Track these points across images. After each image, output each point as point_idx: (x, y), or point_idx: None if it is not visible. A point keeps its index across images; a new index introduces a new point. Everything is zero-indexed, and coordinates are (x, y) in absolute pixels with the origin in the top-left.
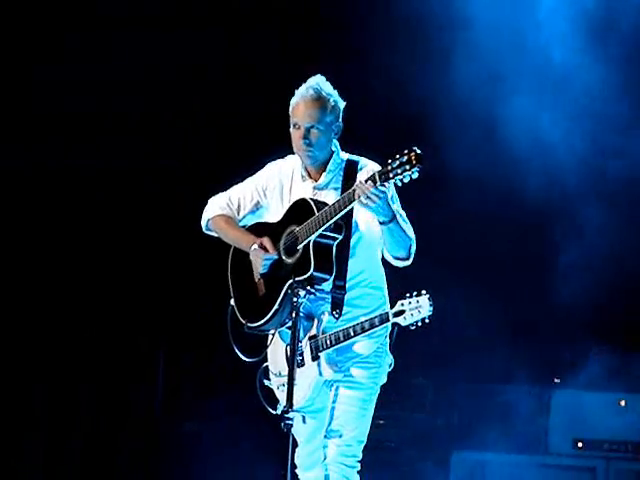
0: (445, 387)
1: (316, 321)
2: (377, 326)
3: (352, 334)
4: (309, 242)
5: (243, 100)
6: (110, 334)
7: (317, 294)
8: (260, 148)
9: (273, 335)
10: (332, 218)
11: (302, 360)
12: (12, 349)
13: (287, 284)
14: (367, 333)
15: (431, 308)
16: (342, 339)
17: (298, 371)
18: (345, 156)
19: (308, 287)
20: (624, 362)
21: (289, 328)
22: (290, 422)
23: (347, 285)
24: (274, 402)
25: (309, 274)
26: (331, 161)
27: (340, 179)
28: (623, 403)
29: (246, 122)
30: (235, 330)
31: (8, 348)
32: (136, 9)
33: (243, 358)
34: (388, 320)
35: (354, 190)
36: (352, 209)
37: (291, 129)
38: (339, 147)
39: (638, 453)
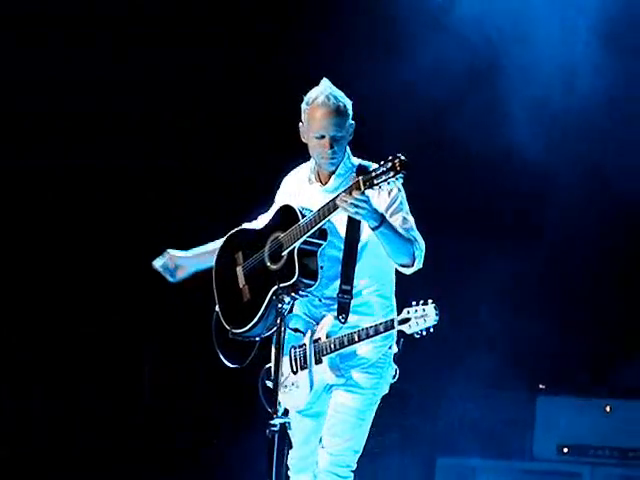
0: (430, 392)
1: (321, 325)
2: (382, 333)
3: (356, 339)
4: (294, 248)
5: (243, 100)
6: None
7: (303, 300)
8: (260, 148)
9: (258, 342)
10: (317, 224)
11: (304, 363)
12: (7, 350)
13: (272, 290)
14: (371, 339)
15: (437, 317)
16: (346, 344)
17: (300, 373)
18: (357, 161)
19: (293, 293)
20: (610, 368)
21: (296, 330)
22: (274, 428)
23: (354, 291)
24: (273, 403)
25: (294, 280)
26: (341, 165)
27: (349, 183)
28: (608, 409)
29: (246, 122)
30: (220, 336)
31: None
32: (136, 9)
33: (227, 364)
34: (393, 327)
35: (339, 196)
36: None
37: (311, 138)
38: (350, 152)
39: (624, 458)
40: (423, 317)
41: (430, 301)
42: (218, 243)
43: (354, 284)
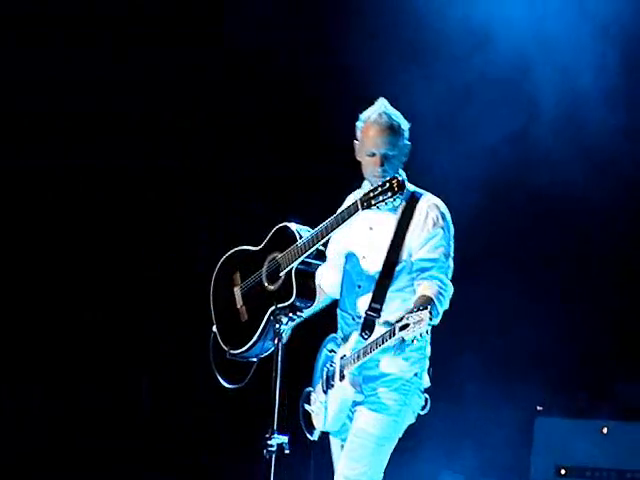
0: (428, 412)
1: (348, 342)
2: (388, 340)
3: (368, 351)
4: (291, 269)
5: (243, 100)
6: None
7: (298, 320)
8: (260, 148)
9: (256, 363)
10: (314, 245)
11: (333, 380)
12: (7, 350)
13: (269, 311)
14: (392, 355)
15: (430, 322)
16: (362, 356)
17: (329, 392)
18: (411, 187)
19: (290, 314)
20: (607, 389)
21: (331, 351)
22: (272, 449)
23: (384, 310)
24: (311, 428)
25: (291, 301)
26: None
27: (400, 208)
28: (605, 430)
29: (246, 122)
30: (217, 356)
31: None
32: (136, 9)
33: (225, 385)
34: (394, 334)
35: (335, 217)
36: (403, 237)
37: (363, 156)
38: (405, 177)
39: None
40: (419, 322)
41: (428, 307)
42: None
43: (384, 305)
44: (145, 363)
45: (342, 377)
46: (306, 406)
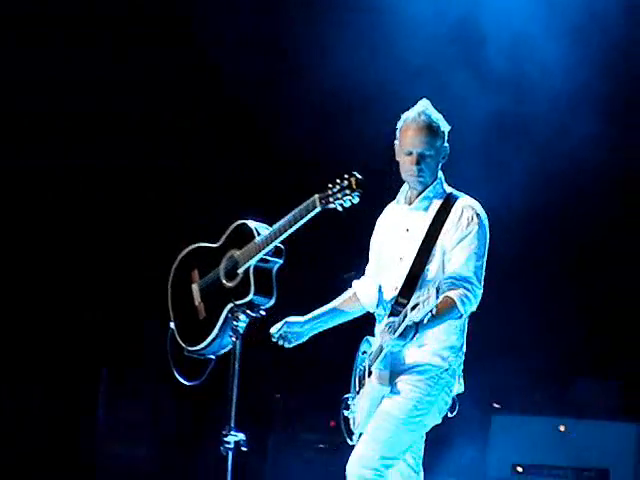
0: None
1: (376, 339)
2: (402, 323)
3: (386, 338)
4: (249, 266)
5: (243, 100)
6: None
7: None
8: (260, 148)
9: (213, 360)
10: (272, 242)
11: (364, 381)
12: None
13: (227, 308)
14: (419, 345)
15: (437, 300)
16: (381, 349)
17: (361, 392)
18: (449, 189)
19: (248, 311)
20: (564, 387)
21: (364, 352)
22: (228, 445)
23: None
24: (352, 433)
25: (249, 298)
26: (431, 187)
27: (436, 209)
28: (562, 428)
29: (246, 123)
30: (175, 353)
31: None
32: (136, 9)
33: (183, 382)
34: (406, 316)
35: (293, 215)
36: (436, 236)
37: (401, 155)
38: (443, 178)
39: (578, 478)
40: (427, 299)
41: (432, 285)
42: (333, 303)
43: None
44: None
45: (370, 374)
46: (345, 412)
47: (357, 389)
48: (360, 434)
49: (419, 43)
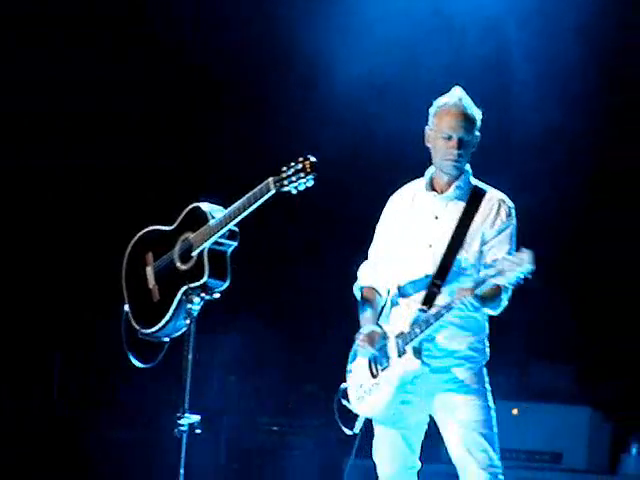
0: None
1: (403, 319)
2: (475, 288)
3: (432, 321)
4: (204, 249)
5: (242, 100)
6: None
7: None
8: (260, 148)
9: (167, 343)
10: (226, 225)
11: (387, 361)
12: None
13: (181, 291)
14: (462, 334)
15: (531, 266)
16: (424, 327)
17: (381, 374)
18: (474, 181)
19: (203, 294)
20: (518, 370)
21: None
22: (183, 428)
23: (444, 287)
24: (349, 422)
25: (203, 281)
26: (462, 177)
27: (465, 199)
28: (515, 411)
29: (246, 122)
30: (129, 335)
31: None
32: (136, 9)
33: (137, 364)
34: (484, 281)
35: (247, 197)
36: (469, 225)
37: (438, 140)
38: (470, 171)
39: (531, 461)
40: (518, 264)
41: (524, 249)
42: (371, 308)
43: (445, 283)
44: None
45: (402, 352)
46: (344, 401)
47: (374, 372)
48: (367, 420)
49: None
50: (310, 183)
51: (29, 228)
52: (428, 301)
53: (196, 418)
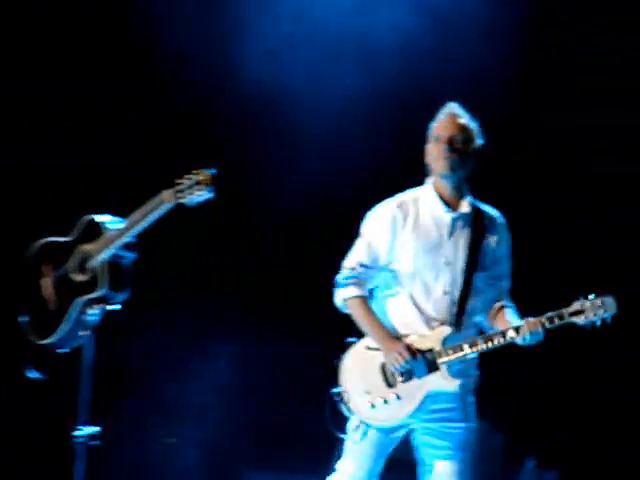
0: (232, 407)
1: (434, 335)
2: (553, 321)
3: (485, 343)
4: (100, 261)
5: (242, 100)
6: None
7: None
8: (260, 148)
9: (63, 353)
10: (122, 237)
11: (409, 376)
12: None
13: (77, 302)
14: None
15: (615, 310)
16: (466, 349)
17: (402, 386)
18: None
19: (100, 305)
20: None
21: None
22: (82, 439)
23: (469, 307)
24: (339, 426)
25: (100, 292)
26: (468, 195)
27: (472, 216)
28: None
29: (246, 122)
30: (24, 347)
31: None
32: (136, 9)
33: (30, 375)
34: (563, 319)
35: (144, 208)
36: (480, 243)
37: (431, 145)
38: (467, 188)
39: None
40: (600, 308)
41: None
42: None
43: (468, 303)
44: None
45: (433, 369)
46: (342, 406)
47: (390, 382)
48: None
49: None
50: (210, 195)
51: (29, 228)
52: (454, 321)
53: (95, 429)
